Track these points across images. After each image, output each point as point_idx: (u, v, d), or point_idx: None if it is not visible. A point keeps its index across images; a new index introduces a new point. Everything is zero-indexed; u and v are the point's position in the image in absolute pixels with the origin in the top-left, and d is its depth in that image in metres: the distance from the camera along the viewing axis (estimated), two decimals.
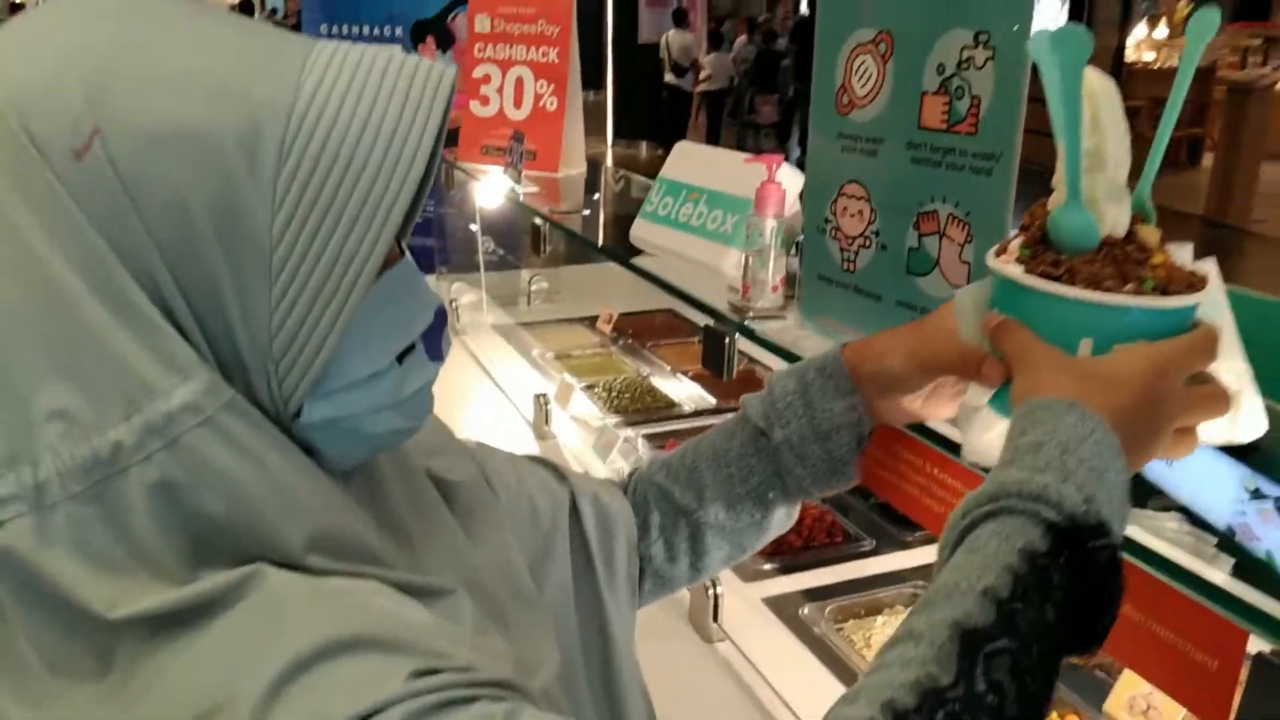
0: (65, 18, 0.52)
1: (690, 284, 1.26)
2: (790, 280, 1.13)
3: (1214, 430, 0.64)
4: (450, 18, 2.89)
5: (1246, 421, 0.64)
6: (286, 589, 0.51)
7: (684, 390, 2.02)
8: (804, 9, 11.58)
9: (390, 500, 0.65)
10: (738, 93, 10.19)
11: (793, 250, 1.14)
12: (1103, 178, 0.61)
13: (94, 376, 0.49)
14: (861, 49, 0.94)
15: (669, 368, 2.12)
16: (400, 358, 0.57)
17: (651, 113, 9.55)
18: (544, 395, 1.85)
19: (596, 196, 1.98)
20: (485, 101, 2.16)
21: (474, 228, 2.52)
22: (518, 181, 1.92)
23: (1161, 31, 9.41)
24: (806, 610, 1.29)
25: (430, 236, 2.78)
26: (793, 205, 1.15)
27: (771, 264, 1.12)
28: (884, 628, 1.26)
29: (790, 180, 1.14)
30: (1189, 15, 0.64)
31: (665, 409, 1.93)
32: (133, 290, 0.49)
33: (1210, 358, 0.61)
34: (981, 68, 0.83)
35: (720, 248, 1.23)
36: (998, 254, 0.66)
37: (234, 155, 0.49)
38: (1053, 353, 0.61)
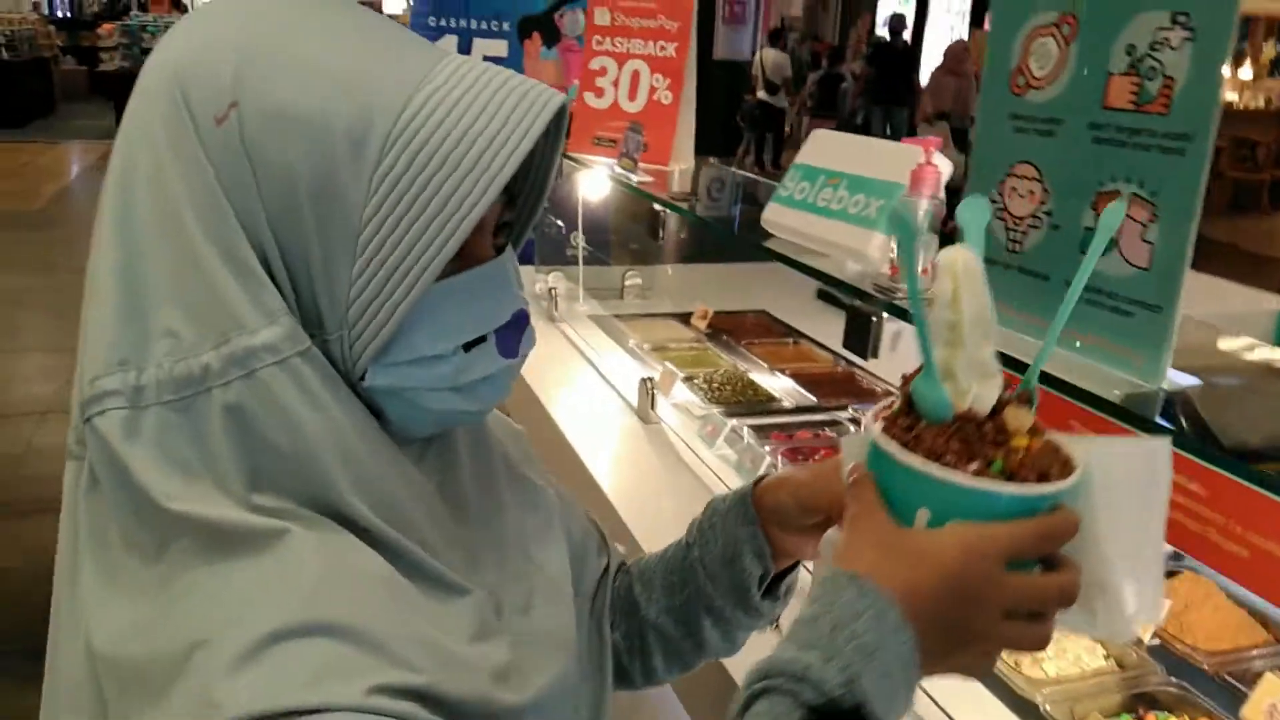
0: (234, 8, 0.61)
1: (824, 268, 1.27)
2: None
3: (1075, 621, 0.63)
4: (558, 14, 2.94)
5: (1110, 619, 0.62)
6: (308, 556, 0.56)
7: (783, 386, 2.02)
8: (880, 31, 11.53)
9: (460, 473, 0.70)
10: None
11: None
12: (962, 353, 0.60)
13: (200, 307, 0.57)
14: (1041, 31, 0.96)
15: (766, 365, 2.13)
16: (469, 346, 0.63)
17: (727, 128, 9.64)
18: (650, 379, 1.87)
19: (709, 189, 2.00)
20: (600, 93, 2.20)
21: (561, 226, 2.56)
22: (633, 171, 1.95)
23: (1246, 72, 9.24)
24: None
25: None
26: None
27: (923, 246, 1.12)
28: None
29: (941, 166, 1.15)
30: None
31: (766, 403, 1.94)
32: (241, 242, 0.57)
33: (1048, 546, 0.60)
34: (1177, 48, 0.83)
35: (864, 231, 1.24)
36: (878, 413, 0.66)
37: (342, 144, 0.57)
38: (876, 520, 0.61)
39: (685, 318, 2.44)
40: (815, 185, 1.36)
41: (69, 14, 20.06)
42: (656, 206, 1.69)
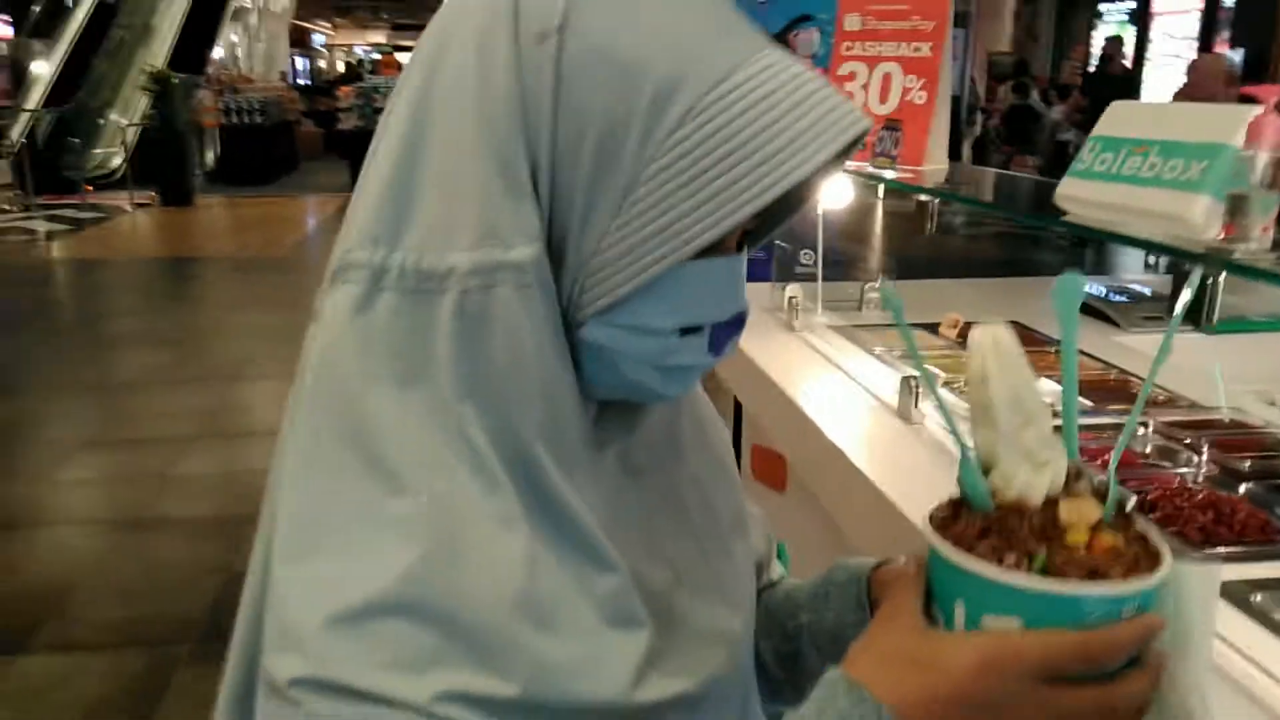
0: None
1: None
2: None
3: None
4: (792, 34, 2.96)
5: None
6: (458, 522, 0.55)
7: (1050, 390, 1.91)
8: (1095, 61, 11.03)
9: (639, 435, 0.68)
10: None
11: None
12: (1000, 437, 0.54)
13: (463, 207, 0.57)
14: None
15: None
16: (684, 332, 0.61)
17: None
18: (913, 378, 1.81)
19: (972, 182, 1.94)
20: (849, 97, 2.18)
21: (788, 248, 2.54)
22: (890, 169, 1.92)
23: None
24: (1260, 599, 1.17)
25: (766, 249, 2.82)
26: None
27: (1263, 201, 1.04)
28: None
29: None
30: None
31: None
32: (521, 158, 0.57)
33: (1098, 661, 0.51)
34: None
35: (1184, 195, 1.16)
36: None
37: (645, 98, 0.56)
38: (901, 619, 0.56)
39: (932, 328, 2.36)
40: (1119, 155, 1.29)
41: (309, 81, 22.03)
42: (922, 198, 1.66)
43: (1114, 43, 9.90)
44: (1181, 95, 7.77)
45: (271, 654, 0.56)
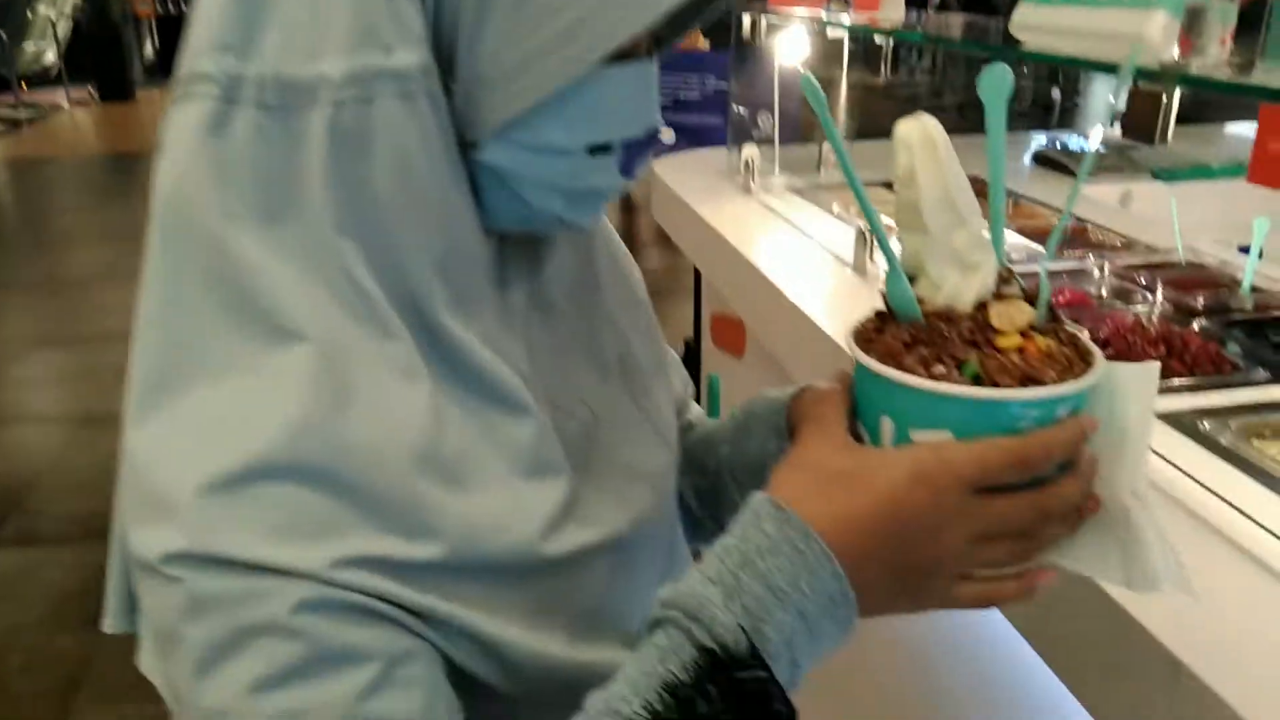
0: None
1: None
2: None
3: (1089, 560, 0.53)
4: None
5: (1130, 563, 0.52)
6: (325, 374, 0.48)
7: (1010, 240, 1.89)
8: None
9: (548, 272, 0.61)
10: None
11: None
12: (928, 240, 0.50)
13: (331, 4, 0.48)
14: None
15: (987, 222, 2.00)
16: (593, 151, 0.54)
17: None
18: (866, 230, 1.78)
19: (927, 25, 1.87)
20: None
21: (744, 113, 2.47)
22: (844, 13, 1.84)
23: None
24: (1208, 425, 1.17)
25: (719, 113, 2.74)
26: None
27: (1221, 12, 1.00)
28: None
29: None
30: None
31: None
32: None
33: (1034, 467, 0.50)
34: None
35: (1140, 13, 1.11)
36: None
37: None
38: (826, 437, 0.53)
39: (888, 185, 2.33)
40: None
41: None
42: (878, 39, 1.59)
43: None
44: None
45: (139, 528, 0.49)
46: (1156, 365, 0.53)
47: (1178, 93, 0.94)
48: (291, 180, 0.49)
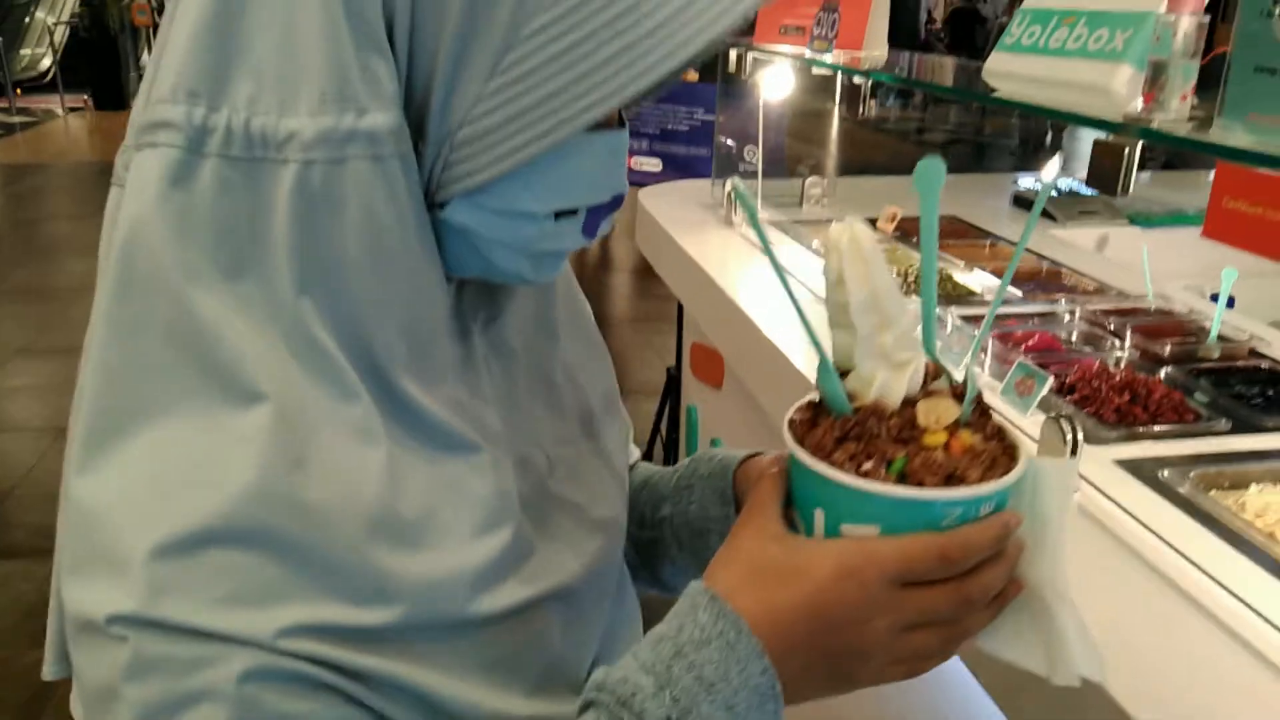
0: None
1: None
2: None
3: (1014, 649, 0.55)
4: None
5: (1053, 654, 0.54)
6: (306, 433, 0.48)
7: (983, 282, 1.91)
8: None
9: (507, 318, 0.62)
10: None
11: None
12: (857, 338, 0.52)
13: (303, 57, 0.47)
14: None
15: (962, 263, 2.02)
16: (559, 216, 0.55)
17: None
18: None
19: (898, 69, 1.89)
20: None
21: (732, 145, 2.49)
22: (827, 52, 1.87)
23: None
24: (1167, 474, 1.18)
25: (707, 144, 2.76)
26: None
27: (1184, 68, 1.02)
28: (1260, 495, 1.14)
29: None
30: None
31: (969, 296, 1.84)
32: (373, 4, 0.47)
33: (957, 564, 0.51)
34: None
35: (1108, 65, 1.14)
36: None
37: None
38: (759, 525, 0.54)
39: (870, 221, 2.34)
40: (1047, 27, 1.25)
41: None
42: (857, 80, 1.62)
43: None
44: None
45: (83, 582, 0.48)
46: (1076, 461, 0.55)
47: (1139, 145, 0.96)
48: (255, 236, 0.48)
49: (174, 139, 0.48)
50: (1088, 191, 2.52)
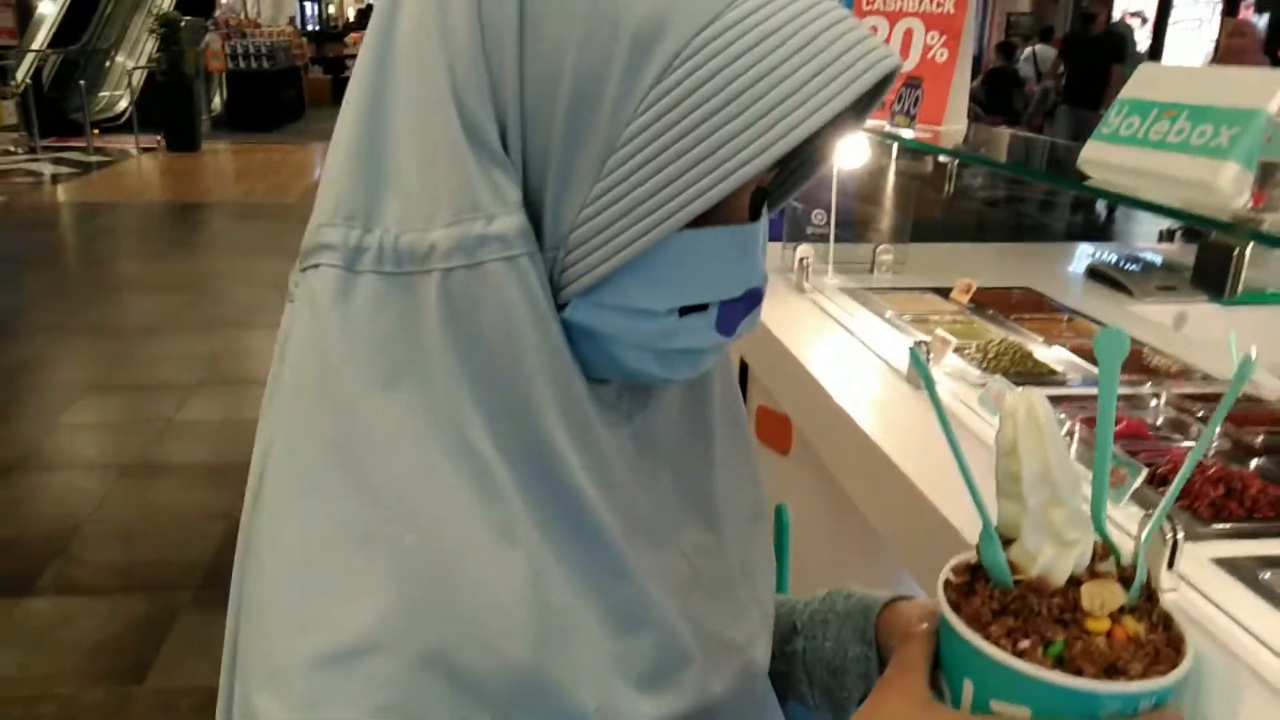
0: None
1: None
2: None
3: None
4: None
5: None
6: (453, 546, 0.50)
7: (1062, 359, 1.89)
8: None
9: (656, 417, 0.62)
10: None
11: None
12: (1026, 511, 0.51)
13: (440, 179, 0.51)
14: None
15: (1040, 338, 2.00)
16: (685, 311, 0.55)
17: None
18: (924, 343, 1.79)
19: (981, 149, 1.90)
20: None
21: (799, 208, 2.50)
22: (909, 128, 1.88)
23: None
24: (1269, 576, 1.15)
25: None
26: None
27: None
28: None
29: None
30: None
31: (1049, 374, 1.82)
32: (488, 120, 0.51)
33: None
34: None
35: (1213, 161, 1.13)
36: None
37: (625, 46, 0.48)
38: (904, 686, 0.54)
39: (944, 292, 2.33)
40: (1146, 119, 1.25)
41: (318, 26, 21.78)
42: (943, 159, 1.62)
43: (1090, 2, 9.02)
44: (1216, 62, 7.44)
45: (251, 687, 0.51)
46: (1244, 669, 0.54)
47: (1249, 247, 0.95)
48: (410, 345, 0.51)
49: (334, 259, 0.53)
50: (1160, 261, 2.49)
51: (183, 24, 12.27)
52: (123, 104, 13.12)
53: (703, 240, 0.53)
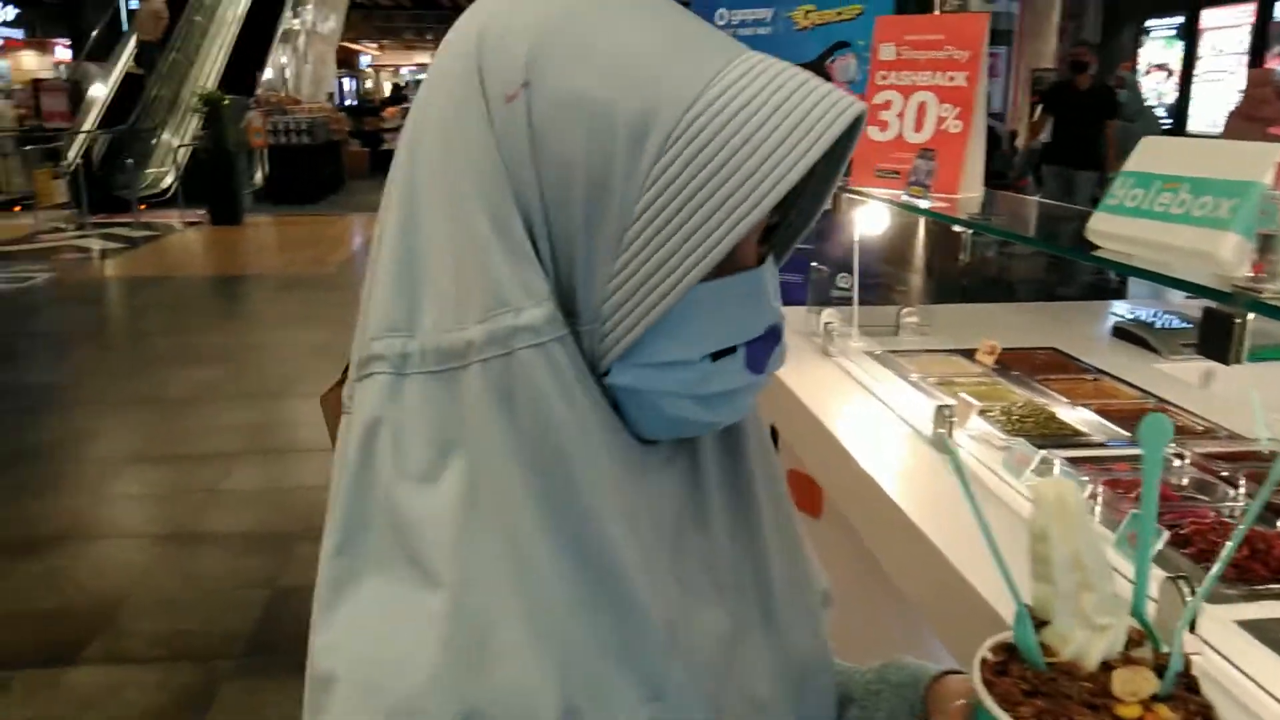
0: None
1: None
2: None
3: None
4: (829, 61, 2.98)
5: None
6: (490, 623, 0.54)
7: (1087, 420, 1.91)
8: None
9: (704, 482, 0.67)
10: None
11: None
12: (1056, 595, 0.53)
13: (469, 281, 0.57)
14: None
15: (1065, 399, 2.02)
16: (716, 356, 0.60)
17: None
18: (948, 407, 1.81)
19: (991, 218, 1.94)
20: (884, 126, 2.20)
21: (826, 270, 2.55)
22: (923, 198, 1.93)
23: None
24: None
25: (801, 272, 2.82)
26: None
27: None
28: None
29: None
30: None
31: (1073, 436, 1.83)
32: (515, 220, 0.57)
33: None
34: None
35: (1213, 232, 1.16)
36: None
37: (622, 138, 0.55)
38: None
39: (968, 354, 2.36)
40: (1150, 191, 1.29)
41: (356, 101, 22.40)
42: (957, 229, 1.67)
43: (1082, 49, 8.44)
44: (1234, 122, 7.38)
45: None
46: None
47: (1249, 317, 0.97)
48: (455, 433, 0.57)
49: (384, 367, 0.59)
50: (1186, 319, 2.50)
51: (225, 102, 12.69)
52: (168, 180, 13.54)
53: (719, 289, 0.59)
